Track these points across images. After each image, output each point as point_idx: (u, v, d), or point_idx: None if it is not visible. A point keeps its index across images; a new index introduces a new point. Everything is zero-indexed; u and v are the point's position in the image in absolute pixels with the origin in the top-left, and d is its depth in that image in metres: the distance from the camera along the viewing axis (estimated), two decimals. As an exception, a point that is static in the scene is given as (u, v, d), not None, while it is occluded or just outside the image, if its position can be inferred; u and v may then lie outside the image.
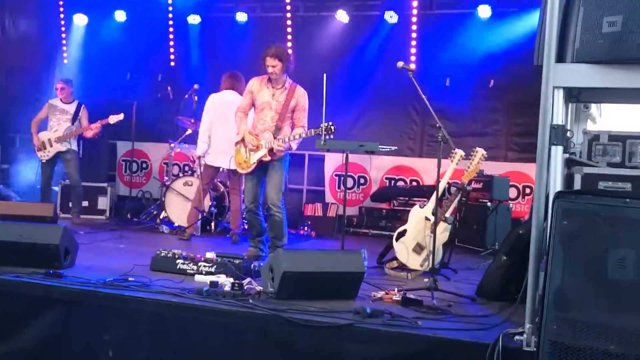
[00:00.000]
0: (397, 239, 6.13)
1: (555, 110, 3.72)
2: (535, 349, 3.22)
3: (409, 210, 6.29)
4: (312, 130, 6.17)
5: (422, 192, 8.72)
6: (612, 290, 2.96)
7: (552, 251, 3.07)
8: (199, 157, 7.91)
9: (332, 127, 5.98)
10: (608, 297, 2.96)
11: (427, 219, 5.96)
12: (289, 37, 10.23)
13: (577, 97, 4.50)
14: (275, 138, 6.22)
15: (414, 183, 9.66)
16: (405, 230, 6.14)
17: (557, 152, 3.71)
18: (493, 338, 3.63)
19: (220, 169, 7.92)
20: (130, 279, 4.87)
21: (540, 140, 3.71)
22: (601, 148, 4.68)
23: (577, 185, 4.20)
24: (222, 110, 7.62)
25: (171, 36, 10.90)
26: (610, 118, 5.62)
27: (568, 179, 4.46)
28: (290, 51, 10.14)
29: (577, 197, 3.13)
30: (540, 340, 3.04)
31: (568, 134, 3.82)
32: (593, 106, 5.42)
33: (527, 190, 8.91)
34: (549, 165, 3.70)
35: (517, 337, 3.63)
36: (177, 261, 5.38)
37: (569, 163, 4.50)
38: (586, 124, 5.37)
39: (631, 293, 2.93)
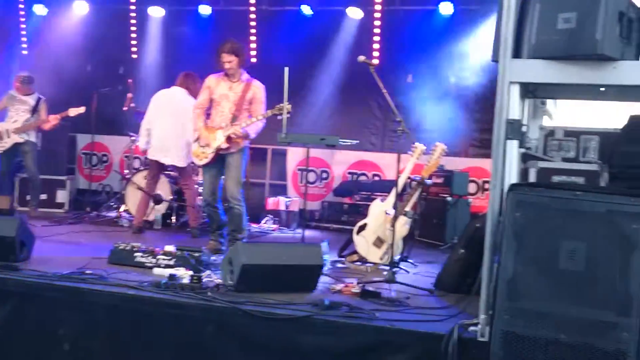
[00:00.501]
0: (357, 233, 6.17)
1: (511, 105, 3.77)
2: (488, 339, 3.26)
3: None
4: (269, 110, 6.21)
5: (384, 186, 8.76)
6: (562, 281, 3.03)
7: (505, 242, 3.12)
8: (144, 152, 7.83)
9: (289, 106, 6.00)
10: (558, 287, 3.03)
11: (387, 213, 6.00)
12: (253, 30, 10.21)
13: (534, 92, 4.58)
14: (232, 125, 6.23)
15: (376, 178, 9.72)
16: (365, 224, 6.17)
17: (513, 147, 3.76)
18: (449, 329, 3.68)
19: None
20: (87, 272, 4.81)
21: (496, 134, 3.77)
22: (556, 143, 4.77)
23: (532, 179, 4.28)
24: (165, 106, 7.59)
25: (133, 28, 10.80)
26: (566, 114, 5.73)
27: (523, 174, 4.55)
28: (253, 45, 10.21)
29: (530, 189, 3.19)
30: (492, 330, 3.09)
31: (523, 128, 3.88)
32: (549, 102, 5.52)
33: (487, 186, 9.02)
34: (504, 159, 3.75)
35: (471, 328, 3.69)
36: (136, 254, 5.34)
37: (525, 157, 4.58)
38: (542, 119, 5.47)
39: (581, 284, 3.00)
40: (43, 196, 9.11)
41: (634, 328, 2.92)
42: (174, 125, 7.42)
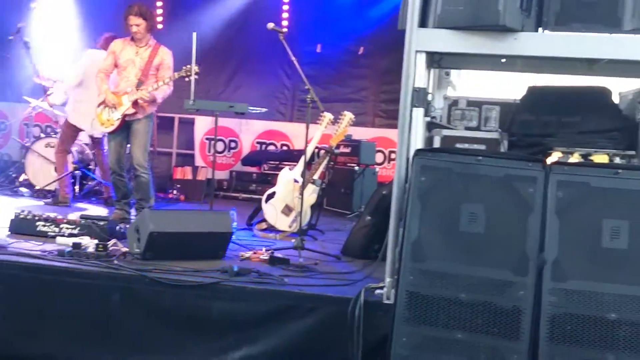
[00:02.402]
0: (266, 201, 6.19)
1: (417, 73, 3.85)
2: (394, 301, 3.36)
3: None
4: (176, 73, 6.11)
5: (292, 156, 8.80)
6: (463, 243, 3.14)
7: (410, 206, 3.21)
8: (52, 105, 7.50)
9: (197, 68, 5.92)
10: (460, 249, 3.14)
11: (295, 181, 6.05)
12: (160, -4, 9.96)
13: (439, 62, 4.70)
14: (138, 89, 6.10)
15: (285, 147, 9.75)
16: (274, 193, 6.20)
17: (419, 114, 3.85)
18: (355, 293, 3.76)
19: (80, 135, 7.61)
20: (-16, 241, 4.63)
21: (403, 102, 3.84)
22: (460, 113, 4.92)
23: (437, 146, 4.40)
24: (94, 71, 7.30)
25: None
26: (469, 84, 5.92)
27: (429, 142, 4.67)
28: (160, 11, 9.96)
29: (434, 154, 3.28)
30: (397, 291, 3.18)
31: (429, 97, 3.98)
32: (454, 73, 5.68)
33: (393, 155, 9.21)
34: (410, 127, 3.84)
35: (377, 291, 3.79)
36: (38, 223, 5.15)
37: (430, 126, 4.71)
38: (447, 90, 5.62)
39: (480, 245, 3.12)
40: None
41: (530, 286, 3.07)
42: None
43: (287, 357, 3.84)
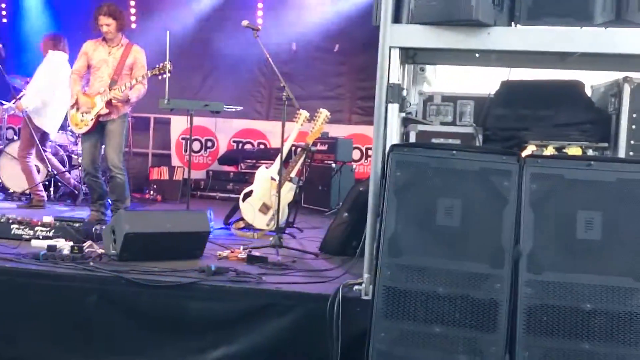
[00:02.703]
0: (243, 200, 6.17)
1: (391, 69, 3.85)
2: (372, 297, 3.36)
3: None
4: (149, 71, 6.07)
5: (269, 154, 8.79)
6: (440, 237, 3.15)
7: (386, 201, 3.21)
8: (23, 110, 7.39)
9: (169, 65, 5.89)
10: (437, 243, 3.15)
11: (272, 179, 6.03)
12: (133, -4, 9.89)
13: (413, 58, 4.71)
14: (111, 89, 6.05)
15: (262, 146, 9.72)
16: (251, 191, 6.18)
17: (394, 110, 3.86)
18: (334, 290, 3.76)
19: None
20: (-43, 245, 4.56)
21: (378, 98, 3.85)
22: (435, 108, 4.94)
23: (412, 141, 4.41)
24: (66, 74, 7.23)
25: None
26: (444, 80, 5.94)
27: (405, 137, 4.69)
28: (133, 10, 9.89)
29: (409, 149, 3.28)
30: (375, 286, 3.19)
31: (403, 92, 3.99)
32: (429, 69, 5.70)
33: (370, 152, 9.17)
34: (385, 122, 3.84)
35: (356, 287, 3.80)
36: (12, 226, 5.09)
37: (405, 122, 4.72)
38: (422, 86, 5.64)
39: (457, 239, 3.14)
40: None
41: (506, 279, 3.09)
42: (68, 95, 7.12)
43: (266, 355, 3.83)
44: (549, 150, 4.27)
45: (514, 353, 3.03)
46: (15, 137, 8.91)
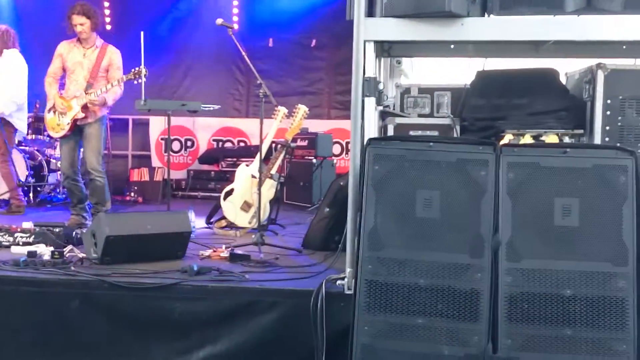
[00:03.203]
0: (224, 198, 6.15)
1: (367, 63, 3.86)
2: (354, 291, 3.37)
3: (238, 171, 6.33)
4: (124, 75, 6.04)
5: (250, 152, 8.78)
6: (419, 229, 3.16)
7: (365, 195, 3.22)
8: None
9: (144, 70, 5.86)
10: (416, 235, 3.16)
11: (253, 176, 6.02)
12: (106, -4, 9.82)
13: (388, 51, 4.72)
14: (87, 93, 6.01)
15: (242, 144, 9.70)
16: (232, 189, 6.17)
17: (370, 104, 3.87)
18: (317, 285, 3.76)
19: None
20: None
21: (354, 92, 3.86)
22: (412, 100, 4.95)
23: (391, 134, 4.42)
24: (25, 71, 7.15)
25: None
26: (421, 72, 5.96)
27: (383, 131, 4.70)
28: (107, 11, 9.81)
29: (386, 143, 3.29)
30: (357, 281, 3.20)
31: (380, 86, 3.99)
32: (405, 62, 5.71)
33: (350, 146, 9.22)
34: (363, 117, 3.85)
35: (339, 282, 3.81)
36: (-10, 234, 5.05)
37: (383, 115, 4.73)
38: (399, 79, 5.65)
39: (436, 230, 3.15)
40: None
41: (486, 268, 3.11)
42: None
43: (252, 353, 3.83)
44: (526, 139, 4.30)
45: (497, 341, 3.05)
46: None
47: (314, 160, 8.13)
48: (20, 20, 9.91)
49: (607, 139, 4.22)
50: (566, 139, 4.26)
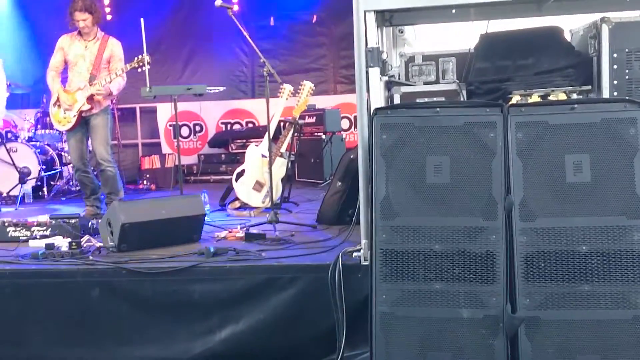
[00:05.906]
0: (236, 180, 6.18)
1: (368, 33, 3.84)
2: (370, 261, 3.38)
3: (248, 152, 6.35)
4: (127, 64, 6.06)
5: (258, 132, 8.80)
6: (431, 195, 3.16)
7: (375, 165, 3.22)
8: None
9: (148, 57, 5.86)
10: (428, 201, 3.16)
11: (263, 156, 6.04)
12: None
13: (390, 20, 4.68)
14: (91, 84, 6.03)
15: (250, 125, 9.70)
16: (243, 170, 6.19)
17: (375, 74, 3.85)
18: (333, 258, 3.79)
19: None
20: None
21: (357, 63, 3.85)
22: (417, 68, 4.91)
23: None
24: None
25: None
26: (426, 39, 5.91)
27: (389, 100, 4.67)
28: (107, 1, 9.79)
29: (392, 111, 3.28)
30: (372, 251, 3.20)
31: (383, 55, 3.97)
32: (408, 31, 5.66)
33: (359, 120, 9.21)
34: (368, 88, 3.83)
35: (355, 254, 3.83)
36: (8, 229, 5.09)
37: (389, 85, 4.70)
38: (403, 48, 5.61)
39: (448, 195, 3.14)
40: None
41: (500, 230, 3.11)
42: None
43: (273, 329, 3.87)
44: (534, 99, 4.26)
45: (515, 301, 3.06)
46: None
47: (323, 136, 8.13)
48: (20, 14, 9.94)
49: (615, 93, 4.17)
50: (574, 96, 4.22)
